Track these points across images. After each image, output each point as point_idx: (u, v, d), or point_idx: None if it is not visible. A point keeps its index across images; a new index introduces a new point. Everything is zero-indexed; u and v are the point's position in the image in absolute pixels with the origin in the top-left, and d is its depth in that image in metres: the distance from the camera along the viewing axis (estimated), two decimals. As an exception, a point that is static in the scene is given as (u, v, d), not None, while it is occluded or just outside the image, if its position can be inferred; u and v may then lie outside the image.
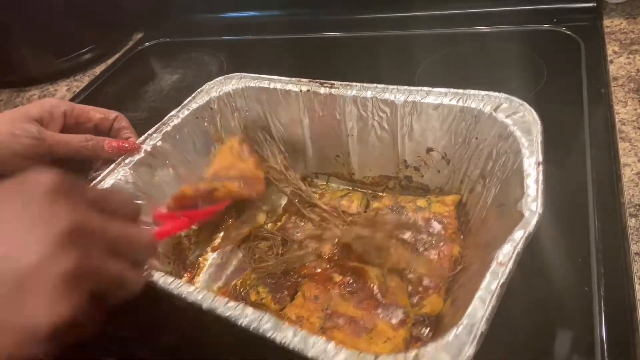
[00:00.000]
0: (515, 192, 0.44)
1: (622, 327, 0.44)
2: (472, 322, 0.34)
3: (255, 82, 0.66)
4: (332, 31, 1.03)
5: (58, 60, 1.11)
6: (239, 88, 0.66)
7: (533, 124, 0.48)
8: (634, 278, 0.47)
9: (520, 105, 0.51)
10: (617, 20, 0.84)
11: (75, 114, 0.59)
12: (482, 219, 0.52)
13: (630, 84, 0.70)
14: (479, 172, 0.55)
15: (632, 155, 0.59)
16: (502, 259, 0.38)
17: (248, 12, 1.13)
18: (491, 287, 0.36)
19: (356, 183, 0.66)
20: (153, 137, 0.60)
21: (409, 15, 0.98)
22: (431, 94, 0.56)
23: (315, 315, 0.48)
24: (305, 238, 0.56)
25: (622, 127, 0.63)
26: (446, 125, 0.56)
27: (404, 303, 0.48)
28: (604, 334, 0.44)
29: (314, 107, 0.62)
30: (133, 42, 1.20)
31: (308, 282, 0.52)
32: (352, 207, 0.60)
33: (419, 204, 0.59)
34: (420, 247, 0.54)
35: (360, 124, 0.61)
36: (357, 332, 0.46)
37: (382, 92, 0.58)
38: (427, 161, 0.60)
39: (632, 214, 0.53)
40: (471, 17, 0.93)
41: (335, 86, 0.60)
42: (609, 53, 0.77)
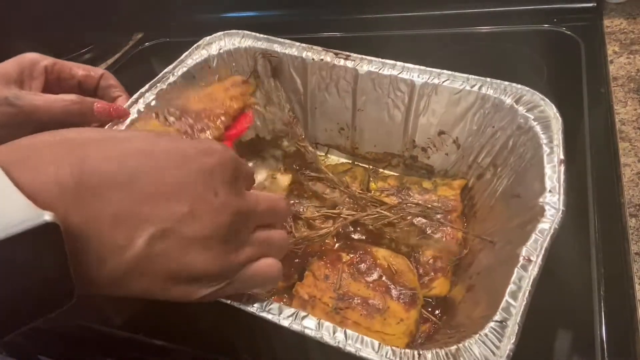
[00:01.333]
0: (533, 186, 0.45)
1: (622, 327, 0.45)
2: (506, 317, 0.35)
3: (261, 42, 0.62)
4: (332, 31, 1.03)
5: (58, 60, 1.11)
6: (240, 47, 0.62)
7: (554, 120, 0.49)
8: (634, 278, 0.47)
9: (541, 100, 0.51)
10: (617, 20, 0.84)
11: (57, 69, 0.54)
12: (491, 206, 0.53)
13: (630, 84, 0.70)
14: (490, 160, 0.55)
15: (632, 155, 0.59)
16: (527, 254, 0.39)
17: (248, 12, 1.13)
18: (522, 283, 0.37)
19: (358, 157, 0.66)
20: (146, 96, 0.57)
21: (409, 16, 0.98)
22: (453, 78, 0.55)
23: (328, 295, 0.48)
24: (316, 217, 0.56)
25: (622, 127, 0.63)
26: (463, 111, 0.56)
27: (414, 285, 0.49)
28: (604, 334, 0.44)
29: (324, 77, 0.60)
30: (133, 42, 1.20)
31: (317, 260, 0.52)
32: (355, 184, 0.60)
33: (424, 185, 0.59)
34: (427, 229, 0.55)
35: (374, 100, 0.59)
36: (370, 313, 0.46)
37: (402, 70, 0.57)
38: (437, 143, 0.60)
39: (632, 214, 0.53)
40: (471, 17, 0.93)
41: (352, 58, 0.59)
42: (609, 53, 0.77)
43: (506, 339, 0.34)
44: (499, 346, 0.34)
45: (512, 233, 0.44)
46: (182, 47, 1.12)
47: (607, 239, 0.51)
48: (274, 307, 0.37)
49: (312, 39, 1.05)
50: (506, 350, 0.33)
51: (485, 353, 0.34)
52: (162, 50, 1.15)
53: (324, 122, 0.65)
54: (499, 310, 0.36)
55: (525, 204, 0.45)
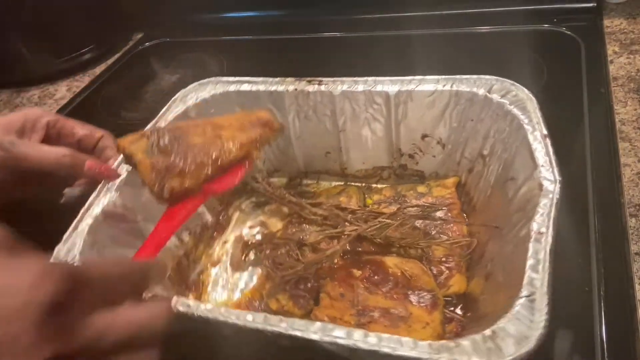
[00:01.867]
0: (525, 166, 0.46)
1: (622, 327, 0.44)
2: (532, 290, 0.36)
3: (235, 85, 0.63)
4: (332, 31, 1.03)
5: (58, 60, 1.11)
6: (217, 93, 0.63)
7: (528, 101, 0.51)
8: (634, 278, 0.47)
9: (512, 85, 0.53)
10: (617, 20, 0.84)
11: (59, 126, 0.56)
12: (488, 196, 0.54)
13: (630, 84, 0.70)
14: (477, 152, 0.57)
15: (632, 155, 0.59)
16: (537, 228, 0.39)
17: (248, 12, 1.13)
18: (539, 255, 0.38)
19: (348, 177, 0.66)
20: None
21: (409, 16, 0.98)
22: (424, 82, 0.57)
23: (348, 314, 0.47)
24: (321, 240, 0.55)
25: (622, 127, 0.63)
26: (440, 111, 0.57)
27: (431, 286, 0.49)
28: (604, 334, 0.44)
29: (302, 106, 0.61)
30: (133, 42, 1.20)
31: (329, 281, 0.51)
32: (352, 203, 0.60)
33: (419, 190, 0.60)
34: (432, 230, 0.55)
35: (353, 118, 0.61)
36: (393, 323, 0.46)
37: (374, 84, 0.58)
38: (422, 147, 0.61)
39: (632, 214, 0.53)
40: (471, 17, 0.93)
41: (324, 82, 0.60)
42: (609, 53, 0.77)
43: (538, 312, 0.34)
44: (532, 319, 0.34)
45: (516, 214, 0.45)
46: (182, 47, 1.13)
47: (607, 239, 0.51)
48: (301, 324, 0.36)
49: (312, 39, 1.05)
50: (541, 322, 0.34)
51: (521, 329, 0.34)
52: (162, 50, 1.15)
53: (309, 150, 0.66)
54: (523, 286, 0.36)
55: (522, 184, 0.46)
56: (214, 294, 0.58)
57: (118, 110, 0.96)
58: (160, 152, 0.47)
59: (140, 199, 0.54)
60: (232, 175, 0.48)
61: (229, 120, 0.50)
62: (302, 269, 0.52)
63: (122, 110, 0.96)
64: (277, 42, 1.06)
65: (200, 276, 0.60)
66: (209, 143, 0.48)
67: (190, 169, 0.46)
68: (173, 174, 0.45)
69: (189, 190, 0.46)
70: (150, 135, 0.48)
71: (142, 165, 0.46)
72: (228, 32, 1.12)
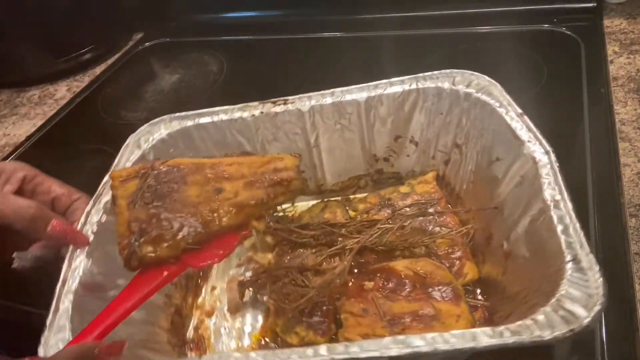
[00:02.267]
0: (510, 145, 0.48)
1: (622, 327, 0.44)
2: (575, 253, 0.36)
3: (192, 120, 0.59)
4: (332, 31, 1.03)
5: (58, 60, 1.11)
6: (173, 131, 0.58)
7: (492, 86, 0.53)
8: (634, 278, 0.47)
9: (472, 75, 0.55)
10: (617, 20, 0.84)
11: (36, 182, 0.52)
12: (472, 181, 0.56)
13: (630, 84, 0.70)
14: (450, 143, 0.58)
15: (632, 155, 0.59)
16: (551, 196, 0.41)
17: (248, 12, 1.13)
18: (565, 220, 0.39)
19: (325, 194, 0.65)
20: (93, 213, 0.50)
21: (409, 16, 0.98)
22: (391, 85, 0.57)
23: (379, 327, 0.46)
24: (322, 260, 0.52)
25: (622, 127, 0.63)
26: (410, 110, 0.58)
27: (449, 279, 0.49)
28: (604, 334, 0.44)
29: (270, 129, 0.59)
30: (133, 42, 1.20)
31: (345, 300, 0.49)
32: (338, 218, 0.58)
33: (402, 191, 0.60)
34: (429, 226, 0.55)
35: (325, 133, 0.60)
36: (427, 324, 0.45)
37: (343, 94, 0.58)
38: (396, 149, 0.62)
39: (632, 214, 0.53)
40: (471, 17, 0.93)
41: (290, 101, 0.59)
42: (609, 53, 0.77)
43: (590, 271, 0.35)
44: (588, 279, 0.35)
45: (515, 192, 0.46)
46: (182, 47, 1.13)
47: (607, 239, 0.51)
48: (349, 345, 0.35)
49: (312, 38, 1.05)
50: (597, 279, 0.34)
51: (583, 290, 0.34)
52: (162, 50, 1.15)
53: None
54: (564, 251, 0.37)
55: (511, 162, 0.47)
56: (219, 345, 0.53)
57: (118, 110, 0.96)
58: (145, 203, 0.41)
59: (116, 260, 0.45)
60: (221, 246, 0.41)
61: (241, 168, 0.44)
62: (314, 294, 0.48)
63: (122, 110, 0.96)
64: (277, 42, 1.06)
65: (198, 331, 0.55)
66: (203, 200, 0.41)
67: (170, 235, 0.39)
68: (148, 239, 0.39)
69: (163, 260, 0.39)
70: (143, 177, 0.42)
71: (120, 217, 0.41)
72: (228, 32, 1.12)
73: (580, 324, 0.33)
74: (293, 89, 0.61)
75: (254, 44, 1.08)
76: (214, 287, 0.59)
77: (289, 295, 0.49)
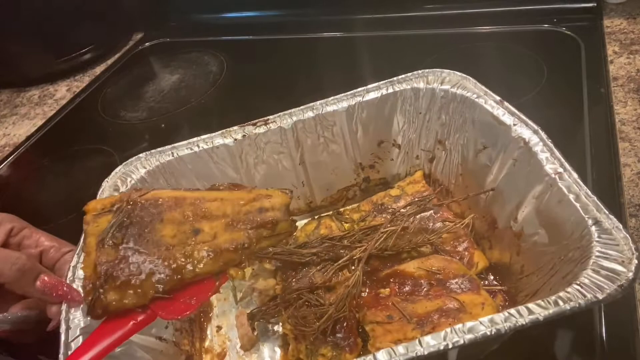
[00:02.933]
0: (496, 131, 0.49)
1: (622, 327, 0.44)
2: (594, 216, 0.38)
3: (168, 155, 0.56)
4: (332, 31, 1.03)
5: (58, 60, 1.11)
6: (151, 169, 0.55)
7: (464, 80, 0.54)
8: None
9: (444, 73, 0.56)
10: (617, 21, 0.83)
11: (23, 234, 0.50)
12: (461, 174, 0.57)
13: (630, 84, 0.70)
14: (433, 141, 0.59)
15: (632, 156, 0.59)
16: (552, 169, 0.42)
17: (248, 12, 1.13)
18: (572, 189, 0.40)
19: (315, 210, 0.65)
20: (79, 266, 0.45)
21: (408, 16, 0.98)
22: (369, 91, 0.58)
23: (409, 330, 0.45)
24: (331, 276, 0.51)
25: (622, 127, 0.63)
26: (389, 113, 0.59)
27: (463, 270, 0.49)
28: (604, 334, 0.44)
29: (253, 151, 0.58)
30: (133, 42, 1.20)
31: (367, 311, 0.48)
32: (334, 231, 0.57)
33: (393, 194, 0.61)
34: (430, 224, 0.56)
35: (310, 148, 0.60)
36: (456, 317, 0.45)
37: (323, 107, 0.58)
38: (380, 155, 0.62)
39: (632, 214, 0.53)
40: (471, 17, 0.93)
41: (271, 120, 0.58)
42: (609, 53, 0.77)
43: (615, 230, 0.36)
44: (615, 237, 0.36)
45: (512, 173, 0.47)
46: (182, 47, 1.13)
47: (607, 238, 0.51)
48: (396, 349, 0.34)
49: (312, 39, 1.05)
50: (624, 237, 0.36)
51: (615, 249, 0.35)
52: (162, 50, 1.15)
53: None
54: (583, 217, 0.38)
55: (500, 148, 0.48)
56: None
57: (118, 110, 0.96)
58: (115, 243, 0.37)
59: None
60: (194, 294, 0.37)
61: (224, 205, 0.40)
62: (333, 310, 0.46)
63: (122, 110, 0.96)
64: (277, 42, 1.06)
65: None
66: (178, 242, 0.38)
67: (138, 282, 0.35)
68: (114, 285, 0.35)
69: (129, 309, 0.36)
70: (117, 212, 0.39)
71: (87, 257, 0.37)
72: (228, 32, 1.12)
73: (627, 278, 0.33)
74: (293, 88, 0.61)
75: (254, 44, 1.08)
76: (219, 326, 0.55)
77: (306, 317, 0.47)
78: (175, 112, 0.91)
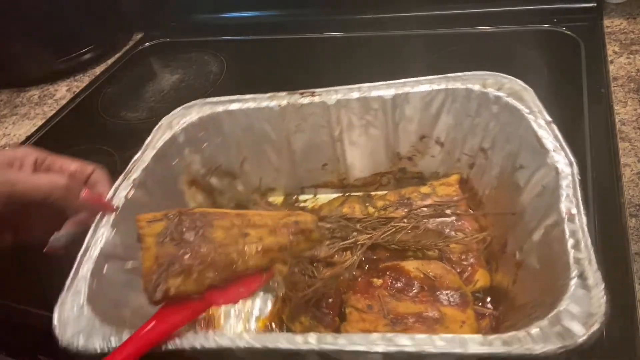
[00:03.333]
0: (535, 153, 0.46)
1: (622, 327, 0.44)
2: (582, 269, 0.36)
3: (222, 106, 0.60)
4: (332, 31, 1.03)
5: (58, 60, 1.11)
6: (204, 116, 0.60)
7: (524, 92, 0.51)
8: (634, 278, 0.47)
9: (505, 79, 0.53)
10: (617, 20, 0.84)
11: (47, 163, 0.53)
12: (495, 187, 0.54)
13: (630, 84, 0.70)
14: (477, 147, 0.57)
15: (632, 156, 0.59)
16: (567, 209, 0.40)
17: (248, 12, 1.13)
18: (577, 235, 0.38)
19: (347, 188, 0.65)
20: (122, 187, 0.53)
21: (408, 16, 0.98)
22: (419, 83, 0.57)
23: (380, 324, 0.46)
24: (334, 253, 0.53)
25: (622, 127, 0.63)
26: (437, 110, 0.57)
27: (458, 284, 0.48)
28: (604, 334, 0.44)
29: (296, 120, 0.60)
30: (133, 42, 1.20)
31: (352, 294, 0.50)
32: (356, 213, 0.59)
33: (423, 191, 0.59)
34: (445, 229, 0.55)
35: (349, 127, 0.60)
36: (429, 326, 0.45)
37: (369, 90, 0.57)
38: (421, 149, 0.61)
39: (632, 214, 0.53)
40: (471, 17, 0.93)
41: (317, 93, 0.59)
42: (609, 53, 0.77)
43: (595, 288, 0.35)
44: (591, 296, 0.34)
45: (535, 201, 0.45)
46: (182, 47, 1.13)
47: (607, 239, 0.51)
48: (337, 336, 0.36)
49: (312, 39, 1.05)
50: (600, 298, 0.34)
51: (584, 308, 0.34)
52: (162, 50, 1.15)
53: (306, 164, 0.64)
54: (571, 266, 0.36)
55: (534, 171, 0.46)
56: (227, 326, 0.55)
57: (118, 110, 0.96)
58: (173, 241, 0.42)
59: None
60: (244, 286, 0.42)
61: (264, 218, 0.45)
62: (321, 285, 0.49)
63: (122, 110, 0.96)
64: (277, 42, 1.06)
65: (209, 310, 0.56)
66: (229, 241, 0.42)
67: (196, 269, 0.40)
68: (175, 272, 0.39)
69: (186, 295, 0.40)
70: (171, 219, 0.43)
71: (147, 252, 0.41)
72: (228, 32, 1.12)
73: (574, 341, 0.32)
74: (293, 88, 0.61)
75: (254, 44, 1.08)
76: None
77: (296, 284, 0.50)
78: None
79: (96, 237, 0.48)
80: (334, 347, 0.35)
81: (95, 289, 0.44)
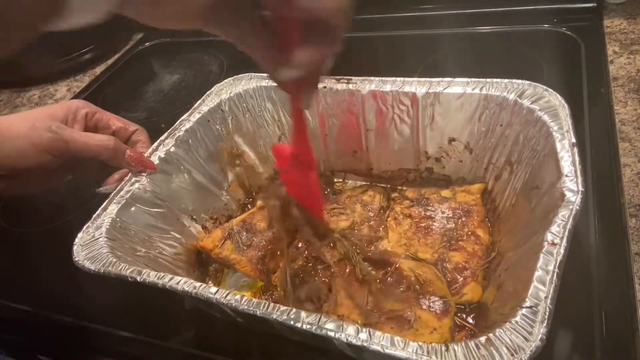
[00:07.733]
0: (551, 174, 0.45)
1: (622, 327, 0.44)
2: (536, 302, 0.35)
3: (267, 81, 0.64)
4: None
5: (58, 60, 1.11)
6: (249, 88, 0.65)
7: (560, 108, 0.49)
8: (634, 278, 0.47)
9: (544, 91, 0.51)
10: (617, 21, 0.83)
11: (96, 118, 0.59)
12: (512, 204, 0.53)
13: (630, 84, 0.70)
14: (504, 159, 0.55)
15: (632, 156, 0.59)
16: (552, 238, 0.39)
17: (248, 12, 1.13)
18: (548, 267, 0.37)
19: (374, 178, 0.66)
20: (166, 142, 0.59)
21: (408, 16, 0.98)
22: (453, 84, 0.55)
23: (356, 313, 0.47)
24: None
25: (622, 127, 0.63)
26: (469, 114, 0.56)
27: (444, 292, 0.48)
28: (604, 334, 0.44)
29: (330, 104, 0.61)
30: (133, 42, 1.20)
31: (341, 280, 0.51)
32: (375, 202, 0.61)
33: (443, 194, 0.59)
34: (452, 236, 0.55)
35: (380, 118, 0.60)
36: (400, 325, 0.45)
37: (402, 85, 0.57)
38: (449, 151, 0.60)
39: (632, 214, 0.53)
40: (471, 17, 0.93)
41: (353, 81, 0.59)
42: (609, 53, 0.77)
43: (538, 324, 0.34)
44: (531, 331, 0.34)
45: (537, 224, 0.44)
46: (182, 47, 1.13)
47: (607, 239, 0.51)
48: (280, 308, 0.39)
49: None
50: (539, 334, 0.34)
51: (517, 340, 0.34)
52: (162, 50, 1.15)
53: (337, 148, 0.66)
54: (528, 297, 0.36)
55: (545, 193, 0.45)
56: (230, 282, 0.59)
57: (118, 110, 0.96)
58: (246, 245, 0.56)
59: (170, 186, 0.58)
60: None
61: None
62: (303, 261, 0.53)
63: (122, 110, 0.96)
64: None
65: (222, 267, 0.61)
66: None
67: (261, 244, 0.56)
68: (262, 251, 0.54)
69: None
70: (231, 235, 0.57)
71: (239, 264, 0.55)
72: (228, 32, 1.12)
73: None
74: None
75: (254, 44, 1.07)
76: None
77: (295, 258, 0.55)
78: (175, 112, 0.91)
79: (131, 182, 0.55)
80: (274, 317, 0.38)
81: (117, 225, 0.51)
